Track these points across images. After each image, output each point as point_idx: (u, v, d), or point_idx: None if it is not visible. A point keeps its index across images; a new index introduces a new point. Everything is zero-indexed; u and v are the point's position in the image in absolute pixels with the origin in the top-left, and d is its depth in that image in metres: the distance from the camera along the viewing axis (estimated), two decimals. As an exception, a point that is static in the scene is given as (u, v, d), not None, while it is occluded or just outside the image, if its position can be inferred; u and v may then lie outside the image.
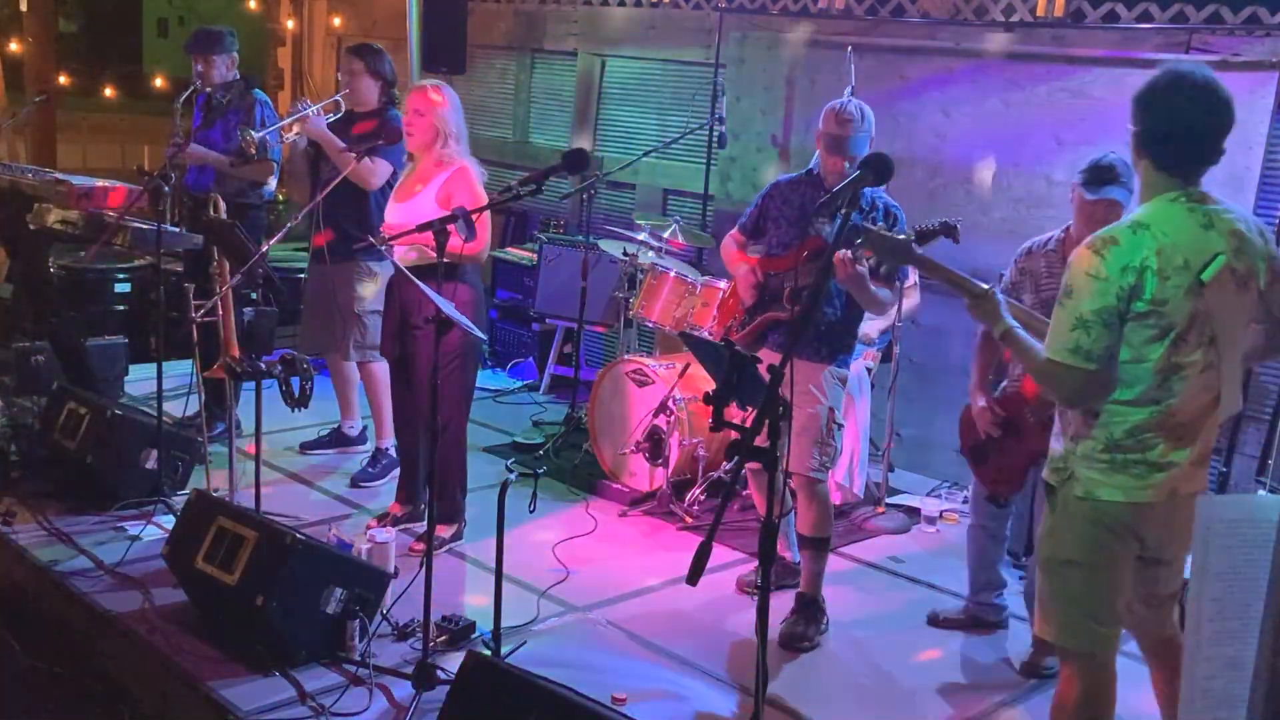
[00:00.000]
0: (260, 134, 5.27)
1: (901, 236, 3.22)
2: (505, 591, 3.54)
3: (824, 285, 3.75)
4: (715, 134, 6.40)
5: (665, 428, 5.13)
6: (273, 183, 5.71)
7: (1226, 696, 2.00)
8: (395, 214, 4.54)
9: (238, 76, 5.71)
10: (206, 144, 5.56)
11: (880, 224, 3.92)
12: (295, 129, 5.12)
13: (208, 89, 5.65)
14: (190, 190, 5.70)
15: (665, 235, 5.92)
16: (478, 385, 6.92)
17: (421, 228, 3.72)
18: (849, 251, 3.65)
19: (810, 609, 4.14)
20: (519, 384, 7.12)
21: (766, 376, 2.71)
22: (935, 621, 4.31)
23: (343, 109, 5.28)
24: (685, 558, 2.46)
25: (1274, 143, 4.95)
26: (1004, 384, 3.94)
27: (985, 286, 2.96)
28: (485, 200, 4.30)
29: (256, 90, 5.69)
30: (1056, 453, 2.87)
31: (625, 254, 5.86)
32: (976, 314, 2.97)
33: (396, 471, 5.05)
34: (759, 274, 4.18)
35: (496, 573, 3.46)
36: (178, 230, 5.56)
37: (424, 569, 3.50)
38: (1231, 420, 4.96)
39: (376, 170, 4.94)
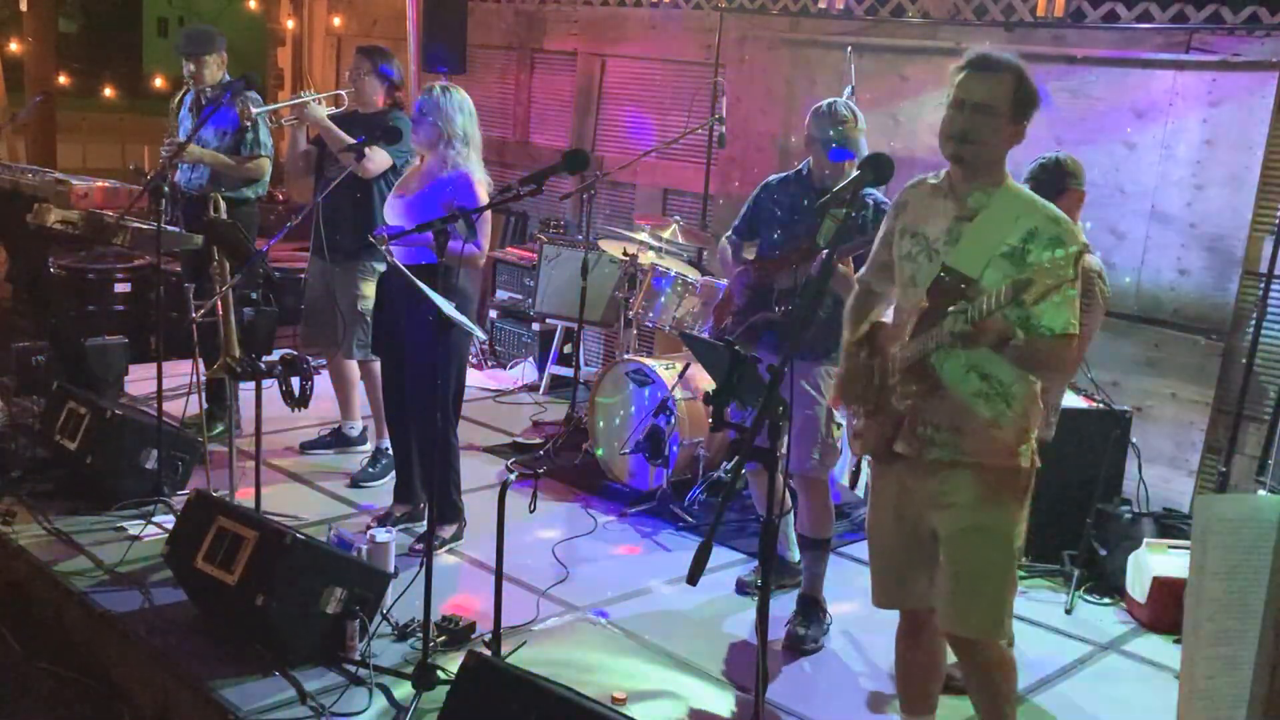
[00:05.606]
0: (260, 110, 5.36)
1: None
2: (505, 591, 3.54)
3: (824, 285, 3.73)
4: (716, 135, 6.39)
5: (665, 428, 5.13)
6: (267, 178, 5.73)
7: (1226, 696, 2.00)
8: (393, 210, 4.54)
9: (228, 76, 5.72)
10: (199, 143, 5.57)
11: (870, 221, 3.94)
12: (291, 113, 5.18)
13: (200, 89, 5.68)
14: (184, 189, 5.71)
15: (665, 235, 5.93)
16: (478, 385, 6.99)
17: (421, 228, 3.71)
18: (834, 250, 3.63)
19: (812, 610, 4.14)
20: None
21: (766, 376, 2.71)
22: None
23: (345, 103, 5.34)
24: (685, 558, 2.46)
25: (1274, 143, 4.95)
26: None
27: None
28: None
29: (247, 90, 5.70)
30: (1008, 441, 2.86)
31: (625, 254, 5.86)
32: None
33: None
34: (752, 274, 4.18)
35: (496, 573, 3.46)
36: (178, 230, 5.57)
37: (424, 569, 3.50)
38: (1231, 420, 4.96)
39: (374, 159, 4.96)
